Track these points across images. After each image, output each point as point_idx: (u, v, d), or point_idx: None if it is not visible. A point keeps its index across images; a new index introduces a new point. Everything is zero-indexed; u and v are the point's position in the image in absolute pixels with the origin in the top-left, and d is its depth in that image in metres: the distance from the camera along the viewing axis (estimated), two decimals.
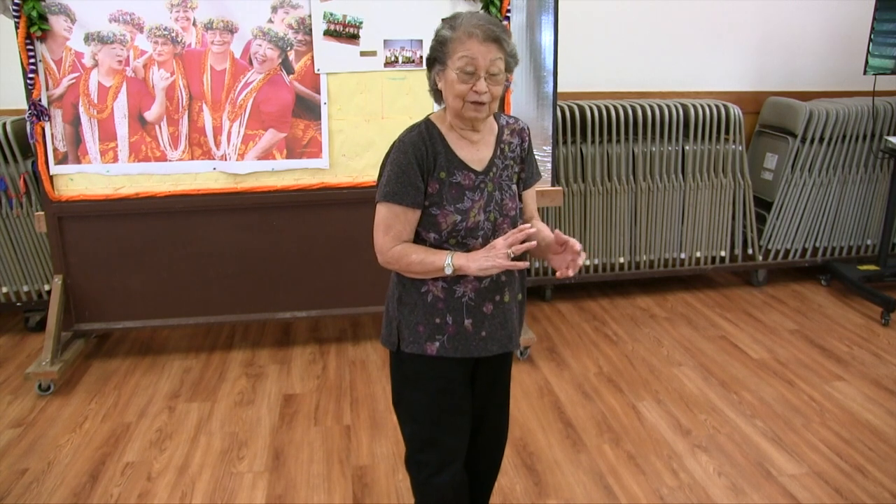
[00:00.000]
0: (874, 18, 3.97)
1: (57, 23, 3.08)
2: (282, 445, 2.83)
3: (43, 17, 3.04)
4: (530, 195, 1.99)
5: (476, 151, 1.84)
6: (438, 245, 1.80)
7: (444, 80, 1.76)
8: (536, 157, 3.47)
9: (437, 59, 1.77)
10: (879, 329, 3.85)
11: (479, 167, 1.83)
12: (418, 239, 1.82)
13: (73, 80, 3.14)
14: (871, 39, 4.00)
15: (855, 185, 4.36)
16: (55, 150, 3.21)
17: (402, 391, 1.93)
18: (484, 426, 2.04)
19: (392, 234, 1.78)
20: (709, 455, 2.75)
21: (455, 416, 1.91)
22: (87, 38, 3.11)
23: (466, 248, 1.81)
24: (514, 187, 1.90)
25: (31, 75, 3.09)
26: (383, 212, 1.79)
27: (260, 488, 2.57)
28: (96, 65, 3.14)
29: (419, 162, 1.77)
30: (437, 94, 1.83)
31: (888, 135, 4.25)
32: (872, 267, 4.29)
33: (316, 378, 3.34)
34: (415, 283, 1.83)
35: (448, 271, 1.74)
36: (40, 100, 3.13)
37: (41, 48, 3.10)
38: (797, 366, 3.44)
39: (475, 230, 1.80)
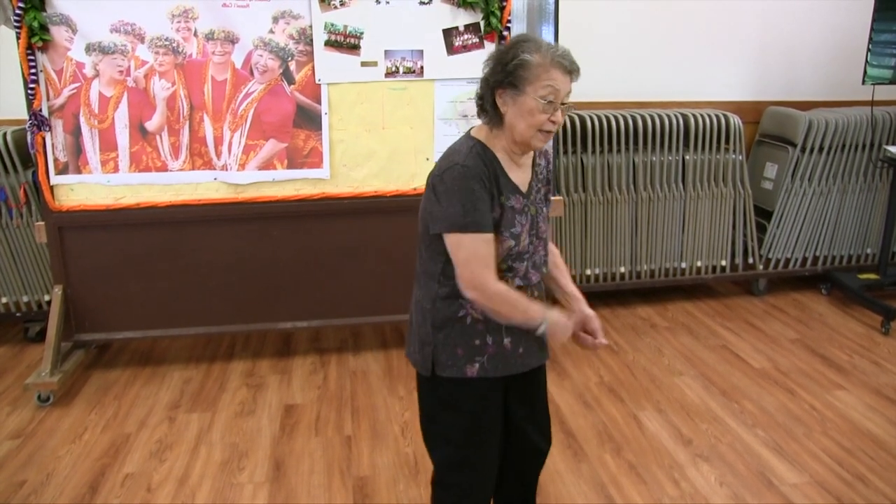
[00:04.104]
0: (872, 29, 3.99)
1: (58, 33, 3.08)
2: (282, 456, 2.82)
3: (44, 28, 3.05)
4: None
5: (522, 174, 1.83)
6: None
7: (515, 104, 1.70)
8: None
9: (511, 82, 1.69)
10: (880, 338, 3.85)
11: (524, 189, 1.82)
12: None
13: (74, 91, 3.15)
14: (869, 49, 4.02)
15: (854, 195, 4.37)
16: (56, 160, 3.21)
17: (436, 414, 1.90)
18: (523, 442, 2.02)
19: (493, 267, 1.72)
20: (710, 464, 2.74)
21: (490, 436, 1.90)
22: (89, 49, 3.12)
23: (514, 273, 1.81)
24: (545, 209, 1.91)
25: (31, 85, 3.09)
26: (474, 244, 1.70)
27: (260, 499, 2.56)
28: (97, 75, 3.15)
29: (487, 185, 1.72)
30: (494, 115, 1.76)
31: (887, 144, 4.26)
32: (872, 276, 4.29)
33: (317, 388, 3.34)
34: (451, 306, 1.80)
35: (541, 331, 1.77)
36: (41, 110, 3.13)
37: (42, 58, 3.10)
38: (798, 375, 3.44)
39: (523, 254, 1.81)
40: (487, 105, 1.76)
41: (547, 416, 2.09)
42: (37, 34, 3.04)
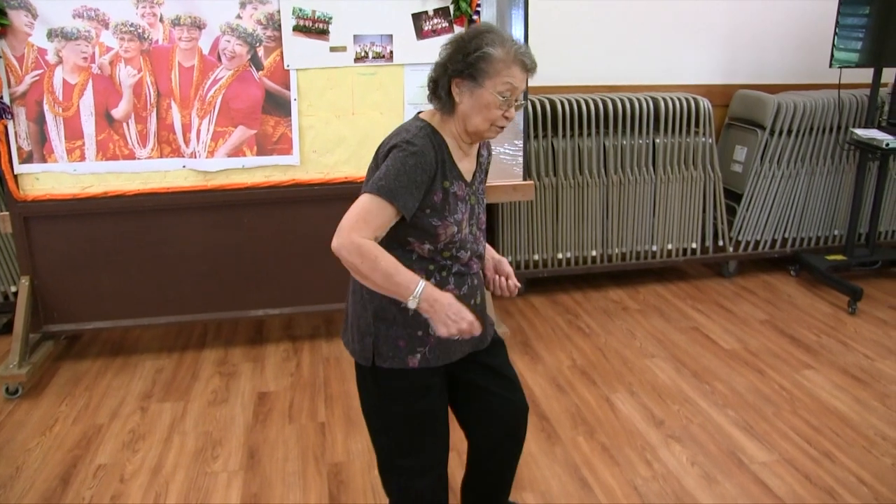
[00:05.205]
0: (838, 13, 4.03)
1: (17, 18, 3.02)
2: (256, 444, 2.81)
3: (2, 12, 2.98)
4: None
5: (467, 162, 1.82)
6: (431, 257, 1.76)
7: (472, 96, 1.68)
8: (508, 150, 3.50)
9: (471, 73, 1.67)
10: (846, 318, 3.92)
11: (468, 178, 1.82)
12: (408, 250, 1.76)
13: (37, 77, 3.09)
14: (835, 33, 4.06)
15: (822, 177, 4.43)
16: (19, 148, 3.15)
17: (377, 403, 1.88)
18: (502, 407, 1.99)
19: (370, 227, 1.62)
20: (682, 445, 2.78)
21: (434, 421, 1.89)
22: (51, 35, 3.06)
23: (458, 261, 1.80)
24: (484, 199, 1.90)
25: None
26: (370, 203, 1.63)
27: (235, 487, 2.56)
28: (60, 61, 3.09)
29: (428, 168, 1.68)
30: (448, 102, 1.73)
31: (854, 127, 4.31)
32: (840, 257, 4.35)
33: (290, 376, 3.33)
34: (393, 298, 1.72)
35: (412, 304, 1.63)
36: (2, 97, 3.07)
37: (1, 44, 3.03)
38: (767, 355, 3.49)
39: (465, 242, 1.80)
40: (442, 91, 1.73)
41: (516, 378, 2.04)
42: None
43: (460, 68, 1.68)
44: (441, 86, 1.73)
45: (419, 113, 1.82)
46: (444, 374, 1.90)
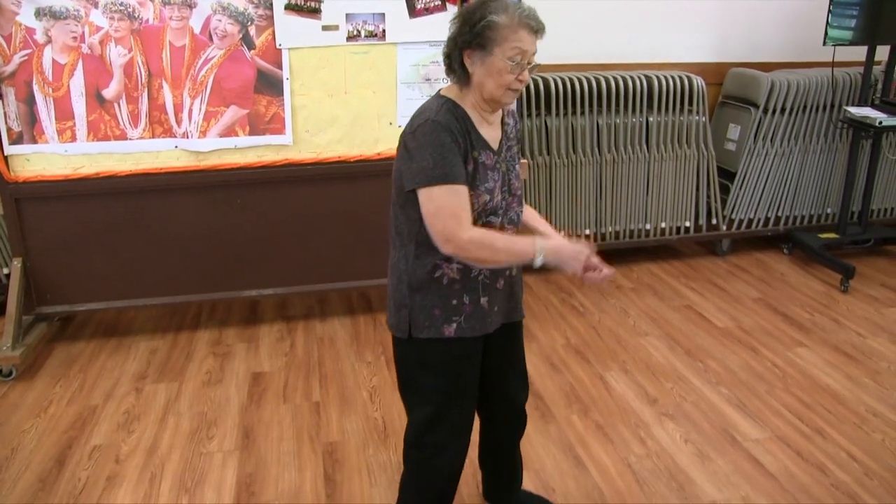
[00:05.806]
0: None
1: None
2: (251, 424, 2.82)
3: None
4: None
5: (492, 131, 1.84)
6: None
7: (483, 65, 1.71)
8: None
9: (479, 43, 1.70)
10: (839, 296, 3.93)
11: (495, 146, 1.84)
12: None
13: (25, 57, 3.06)
14: (829, 11, 4.04)
15: (815, 155, 4.43)
16: (9, 129, 3.12)
17: (414, 376, 1.91)
18: (504, 396, 2.08)
19: (464, 217, 1.70)
20: (675, 423, 2.80)
21: (466, 396, 1.93)
22: (39, 13, 3.02)
23: (491, 227, 1.82)
24: (517, 167, 1.92)
25: None
26: (443, 195, 1.68)
27: (230, 467, 2.57)
28: (49, 41, 3.06)
29: (459, 138, 1.72)
30: (463, 74, 1.76)
31: (847, 105, 4.31)
32: (832, 235, 4.37)
33: (284, 356, 3.33)
34: (426, 267, 1.80)
35: (539, 262, 1.74)
36: None
37: None
38: (760, 333, 3.51)
39: (497, 210, 1.82)
40: (455, 65, 1.77)
41: (524, 370, 2.14)
42: None
43: (468, 39, 1.72)
44: (454, 59, 1.77)
45: (440, 90, 1.85)
46: (481, 349, 1.92)
